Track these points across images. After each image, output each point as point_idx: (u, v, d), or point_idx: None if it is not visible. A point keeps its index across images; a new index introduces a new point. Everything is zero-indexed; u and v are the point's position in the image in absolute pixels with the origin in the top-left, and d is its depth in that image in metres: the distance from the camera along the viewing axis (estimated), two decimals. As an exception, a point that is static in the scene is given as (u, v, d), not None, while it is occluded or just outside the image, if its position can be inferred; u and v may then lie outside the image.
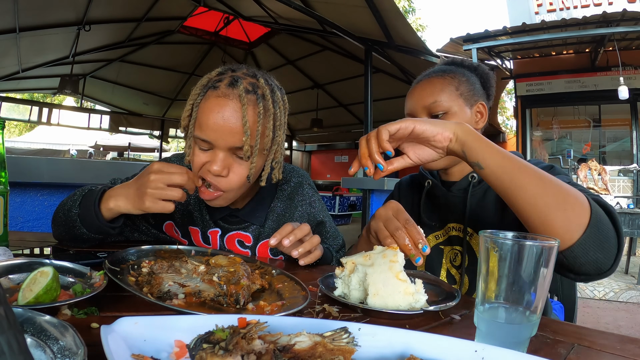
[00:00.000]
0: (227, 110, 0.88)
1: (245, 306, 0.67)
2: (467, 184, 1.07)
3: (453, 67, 1.13)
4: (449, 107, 1.04)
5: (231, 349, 0.40)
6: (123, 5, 5.85)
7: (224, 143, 0.89)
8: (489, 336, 0.53)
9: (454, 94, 1.05)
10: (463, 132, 0.77)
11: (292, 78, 8.33)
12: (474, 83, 1.10)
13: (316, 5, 4.51)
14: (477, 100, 1.09)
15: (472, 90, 1.08)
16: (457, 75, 1.08)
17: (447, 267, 1.11)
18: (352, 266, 0.74)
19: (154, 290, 0.67)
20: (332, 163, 12.42)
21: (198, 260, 0.81)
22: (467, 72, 1.11)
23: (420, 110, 1.07)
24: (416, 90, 1.10)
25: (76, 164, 2.11)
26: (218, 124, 0.88)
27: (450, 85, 1.06)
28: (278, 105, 0.96)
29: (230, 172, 0.92)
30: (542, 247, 0.51)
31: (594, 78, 7.09)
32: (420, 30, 17.20)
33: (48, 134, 13.23)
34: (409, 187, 1.27)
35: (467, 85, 1.07)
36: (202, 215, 1.11)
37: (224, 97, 0.89)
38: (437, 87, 1.06)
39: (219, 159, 0.90)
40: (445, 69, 1.11)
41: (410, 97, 1.12)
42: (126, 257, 0.80)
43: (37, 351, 0.40)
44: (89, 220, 0.92)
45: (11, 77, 7.26)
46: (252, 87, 0.91)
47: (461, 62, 1.17)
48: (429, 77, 1.10)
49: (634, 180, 6.31)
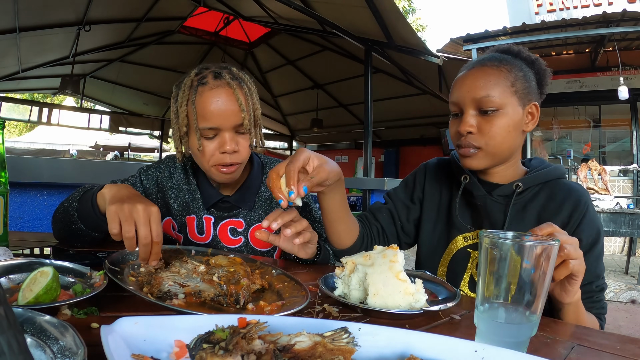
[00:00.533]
0: (223, 97, 1.03)
1: (245, 306, 0.67)
2: (511, 191, 1.00)
3: (510, 57, 1.01)
4: (502, 104, 0.95)
5: (231, 349, 0.40)
6: (123, 5, 5.85)
7: (228, 124, 1.03)
8: (489, 336, 0.53)
9: (509, 90, 0.96)
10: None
11: (292, 78, 8.33)
12: (531, 80, 1.00)
13: (316, 5, 4.51)
14: (531, 100, 0.99)
15: (528, 88, 0.98)
16: (514, 68, 0.98)
17: (471, 272, 1.04)
18: (352, 266, 0.74)
19: (154, 290, 0.67)
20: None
21: (198, 260, 0.81)
22: (524, 66, 1.00)
23: (468, 103, 0.97)
24: (467, 79, 0.99)
25: (76, 164, 2.11)
26: (220, 109, 1.02)
27: (506, 79, 0.96)
28: (252, 84, 1.12)
29: (239, 146, 1.06)
30: (542, 247, 0.51)
31: (594, 78, 7.09)
32: (420, 30, 17.19)
33: (48, 134, 13.23)
34: (438, 173, 1.17)
35: (524, 82, 0.97)
36: (197, 204, 1.17)
37: (217, 88, 1.03)
38: (491, 79, 0.96)
39: (228, 138, 1.04)
40: (501, 58, 1.00)
41: (459, 85, 1.01)
42: (126, 257, 0.80)
43: (37, 351, 0.40)
44: (85, 214, 0.94)
45: (11, 77, 7.26)
46: (232, 75, 1.07)
47: (518, 52, 1.04)
48: (483, 64, 0.99)
49: (634, 180, 6.31)
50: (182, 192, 1.18)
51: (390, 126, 9.46)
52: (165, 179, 1.19)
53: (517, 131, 0.98)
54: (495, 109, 0.95)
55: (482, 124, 0.96)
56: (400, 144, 10.33)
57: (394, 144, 10.46)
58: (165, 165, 1.22)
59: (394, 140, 10.29)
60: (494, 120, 0.96)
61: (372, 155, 4.74)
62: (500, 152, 0.99)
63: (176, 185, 1.19)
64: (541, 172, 1.02)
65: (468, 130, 0.97)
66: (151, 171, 1.20)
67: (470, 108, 0.97)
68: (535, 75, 1.02)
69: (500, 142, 0.97)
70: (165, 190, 1.19)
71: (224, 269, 0.74)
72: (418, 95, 7.54)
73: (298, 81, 8.49)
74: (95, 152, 13.69)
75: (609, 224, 3.88)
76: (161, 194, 1.19)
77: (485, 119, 0.96)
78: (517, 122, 0.97)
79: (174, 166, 1.21)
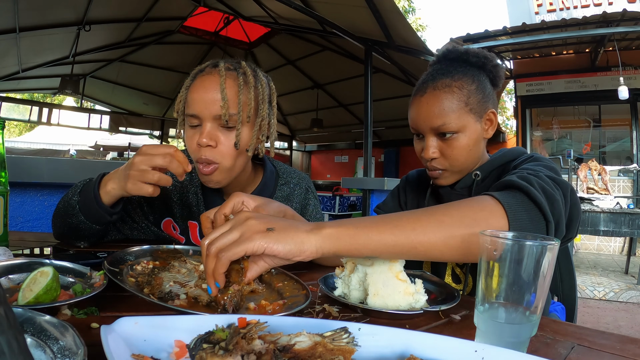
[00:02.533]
0: (208, 84, 0.97)
1: (238, 311, 0.64)
2: (471, 182, 1.03)
3: (458, 65, 1.01)
4: (459, 127, 0.97)
5: (231, 349, 0.40)
6: (123, 5, 5.84)
7: (208, 113, 0.96)
8: (489, 336, 0.53)
9: (464, 110, 0.97)
10: (330, 242, 0.61)
11: (292, 78, 8.33)
12: (484, 87, 1.00)
13: (316, 5, 4.51)
14: (488, 108, 1.01)
15: (483, 99, 0.99)
16: (465, 82, 0.98)
17: (452, 266, 1.09)
18: (352, 266, 0.74)
19: (155, 290, 0.67)
20: (332, 163, 12.41)
21: (197, 260, 0.81)
22: (475, 73, 1.00)
23: (428, 131, 1.01)
24: (422, 106, 1.00)
25: (76, 164, 2.11)
26: (201, 96, 0.97)
27: (459, 100, 0.97)
28: (260, 83, 1.03)
29: (218, 143, 0.98)
30: (542, 247, 0.51)
31: (594, 78, 7.09)
32: (420, 30, 17.19)
33: (48, 134, 13.22)
34: (415, 182, 1.24)
35: (477, 95, 0.98)
36: (200, 210, 1.13)
37: (207, 75, 0.99)
38: (444, 105, 0.97)
39: (205, 130, 0.97)
40: (450, 73, 0.99)
41: (415, 111, 1.02)
42: (124, 257, 0.80)
43: (37, 351, 0.40)
44: (87, 206, 0.93)
45: (11, 77, 7.25)
46: (233, 66, 1.02)
47: (466, 56, 1.03)
48: (434, 87, 0.99)
49: (634, 180, 6.31)
50: (185, 194, 1.14)
51: (390, 126, 9.45)
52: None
53: (477, 145, 1.02)
54: (453, 132, 0.98)
55: (444, 148, 1.01)
56: (400, 144, 10.33)
57: (394, 144, 10.46)
58: None
59: (394, 140, 10.29)
60: (454, 143, 0.99)
61: (372, 155, 4.74)
62: (465, 167, 1.03)
63: (179, 186, 1.15)
64: (496, 156, 1.06)
65: (431, 157, 1.02)
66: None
67: (430, 135, 1.01)
68: (487, 76, 1.03)
69: (463, 161, 1.01)
70: (167, 191, 1.15)
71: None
72: (418, 95, 7.53)
73: (298, 81, 8.49)
74: (95, 152, 13.67)
75: (609, 223, 3.88)
76: (163, 194, 1.16)
77: (445, 143, 1.00)
78: (477, 137, 1.01)
79: None
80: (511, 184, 0.74)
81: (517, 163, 0.97)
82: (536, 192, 0.70)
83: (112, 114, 9.55)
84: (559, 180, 0.79)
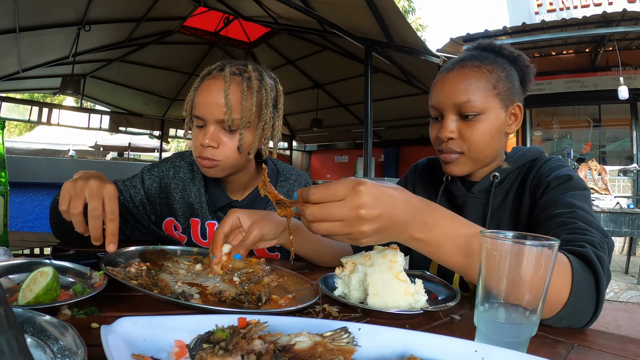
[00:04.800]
0: (213, 88, 1.02)
1: (266, 303, 0.68)
2: (489, 184, 0.98)
3: (491, 55, 0.97)
4: (483, 108, 0.91)
5: (231, 349, 0.40)
6: (123, 5, 5.84)
7: (211, 116, 1.01)
8: (489, 336, 0.53)
9: (491, 93, 0.92)
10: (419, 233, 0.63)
11: (292, 78, 8.33)
12: (513, 79, 0.96)
13: (316, 5, 4.51)
14: (514, 101, 0.95)
15: (511, 89, 0.94)
16: (496, 68, 0.94)
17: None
18: (352, 266, 0.74)
19: (165, 292, 0.68)
20: (332, 163, 12.41)
21: (187, 260, 0.83)
22: (506, 65, 0.96)
23: (449, 107, 0.94)
24: (447, 82, 0.94)
25: (76, 164, 2.11)
26: (206, 100, 1.02)
27: (488, 81, 0.92)
28: (264, 88, 1.07)
29: (220, 144, 1.02)
30: (542, 247, 0.51)
31: (594, 78, 7.09)
32: (420, 30, 17.19)
33: (48, 134, 13.22)
34: (425, 173, 1.17)
35: (506, 83, 0.94)
36: (202, 207, 1.15)
37: (213, 79, 1.03)
38: (471, 82, 0.91)
39: (209, 132, 1.02)
40: (482, 58, 0.95)
41: (439, 88, 0.96)
42: (116, 260, 0.80)
43: (37, 351, 0.40)
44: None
45: (11, 77, 7.25)
46: (239, 70, 1.05)
47: (500, 49, 1.00)
48: (463, 65, 0.94)
49: (634, 180, 6.31)
50: (187, 193, 1.16)
51: (390, 126, 9.45)
52: (169, 179, 1.17)
53: (499, 134, 0.95)
54: (476, 114, 0.91)
55: (464, 129, 0.93)
56: (400, 144, 10.33)
57: (394, 144, 10.46)
58: (170, 165, 1.19)
59: (394, 140, 10.29)
60: (476, 125, 0.92)
61: (372, 155, 4.74)
62: (483, 157, 0.96)
63: (181, 186, 1.16)
64: (517, 156, 1.01)
65: (449, 136, 0.94)
66: (154, 171, 1.18)
67: (451, 113, 0.94)
68: (518, 73, 0.98)
69: (483, 148, 0.94)
70: (169, 190, 1.16)
71: (243, 271, 0.75)
72: (418, 95, 7.53)
73: (298, 81, 8.49)
74: (95, 152, 13.68)
75: (609, 223, 3.88)
76: (164, 194, 1.17)
77: (466, 124, 0.93)
78: (499, 125, 0.94)
79: (180, 165, 1.19)
80: (589, 260, 0.68)
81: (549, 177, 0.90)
82: (603, 280, 0.67)
83: (112, 114, 9.54)
84: (608, 241, 0.75)
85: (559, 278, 0.64)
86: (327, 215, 0.58)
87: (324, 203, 0.59)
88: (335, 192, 0.59)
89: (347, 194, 0.58)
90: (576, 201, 0.82)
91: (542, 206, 0.87)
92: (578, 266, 0.66)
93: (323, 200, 0.59)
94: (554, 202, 0.84)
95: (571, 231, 0.74)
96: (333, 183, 0.59)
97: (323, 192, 0.59)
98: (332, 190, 0.59)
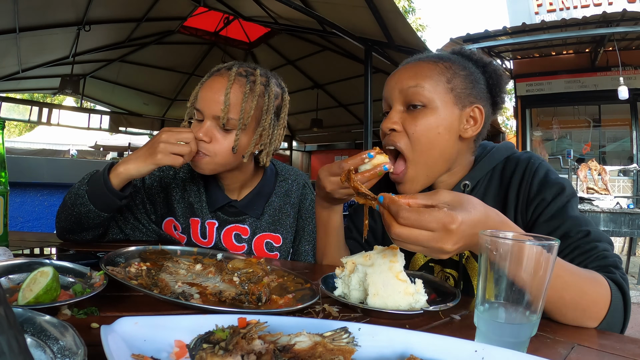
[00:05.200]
0: (216, 85, 1.04)
1: (266, 303, 0.69)
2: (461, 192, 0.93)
3: (456, 57, 0.93)
4: (430, 99, 0.84)
5: (231, 349, 0.40)
6: (123, 5, 5.84)
7: (209, 111, 1.03)
8: (489, 336, 0.53)
9: (443, 86, 0.86)
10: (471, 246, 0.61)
11: (292, 78, 8.32)
12: (477, 82, 0.90)
13: (316, 5, 4.51)
14: (474, 103, 0.88)
15: (471, 89, 0.88)
16: (455, 66, 0.89)
17: (440, 276, 0.98)
18: (352, 266, 0.74)
19: (165, 292, 0.68)
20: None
21: (187, 260, 0.83)
22: (471, 67, 0.91)
23: (396, 96, 0.88)
24: (398, 71, 0.91)
25: (76, 164, 2.11)
26: (207, 95, 1.04)
27: (441, 74, 0.87)
28: (268, 94, 1.08)
29: (213, 140, 1.04)
30: (542, 246, 0.51)
31: (594, 78, 7.09)
32: (420, 30, 17.18)
33: (48, 134, 13.22)
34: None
35: (465, 82, 0.88)
36: (202, 206, 1.16)
37: (219, 76, 1.06)
38: (424, 71, 0.87)
39: (204, 126, 1.03)
40: (442, 56, 0.91)
41: (390, 78, 0.92)
42: (115, 260, 0.80)
43: (37, 351, 0.40)
44: (97, 192, 0.97)
45: (11, 77, 7.25)
46: (246, 72, 1.07)
47: (470, 54, 0.95)
48: (420, 59, 0.91)
49: (634, 180, 6.31)
50: (187, 192, 1.17)
51: (390, 126, 9.44)
52: (170, 179, 1.19)
53: (449, 134, 0.86)
54: (423, 105, 0.85)
55: (408, 122, 0.86)
56: (400, 144, 10.32)
57: (394, 144, 10.45)
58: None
59: (394, 140, 10.28)
60: (421, 118, 0.85)
61: (372, 155, 4.73)
62: (429, 161, 0.87)
63: (181, 185, 1.18)
64: (485, 159, 0.93)
65: (390, 127, 0.87)
66: (154, 171, 1.19)
67: (398, 102, 0.88)
68: (487, 78, 0.92)
69: (428, 146, 0.85)
70: (169, 190, 1.17)
71: (243, 271, 0.76)
72: (418, 95, 7.53)
73: (298, 81, 8.48)
74: (95, 152, 13.67)
75: (609, 223, 3.88)
76: (164, 194, 1.18)
77: (412, 116, 0.86)
78: (450, 124, 0.86)
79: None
80: (619, 284, 0.73)
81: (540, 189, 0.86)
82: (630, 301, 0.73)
83: (112, 114, 9.54)
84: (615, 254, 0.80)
85: (600, 300, 0.68)
86: (417, 224, 0.57)
87: (419, 211, 0.58)
88: (427, 225, 0.57)
89: (437, 229, 0.57)
90: (578, 214, 0.84)
91: (545, 226, 0.84)
92: (615, 291, 0.70)
93: (409, 225, 0.58)
94: (559, 220, 0.83)
95: (596, 256, 0.77)
96: (425, 212, 0.57)
97: (414, 218, 0.57)
98: (424, 221, 0.57)
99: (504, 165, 0.93)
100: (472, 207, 0.59)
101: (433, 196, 0.61)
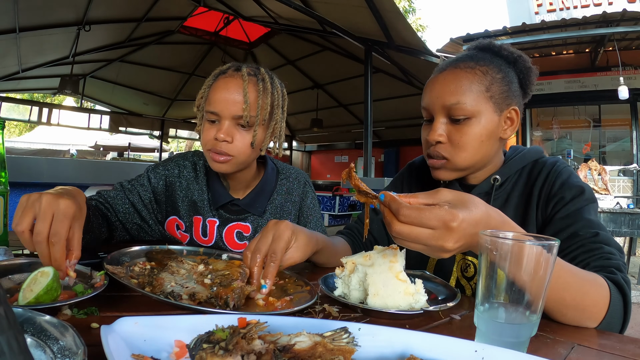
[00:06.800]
0: (231, 86, 1.05)
1: (238, 309, 0.66)
2: (490, 187, 0.96)
3: (488, 55, 0.94)
4: (474, 111, 0.88)
5: (231, 349, 0.40)
6: (123, 6, 5.85)
7: (228, 112, 1.04)
8: (489, 336, 0.53)
9: (483, 95, 0.88)
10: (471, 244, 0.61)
11: (292, 78, 8.33)
12: (510, 82, 0.92)
13: (316, 5, 4.51)
14: (510, 105, 0.92)
15: (507, 92, 0.91)
16: (491, 69, 0.90)
17: (457, 275, 1.00)
18: (352, 266, 0.74)
19: (156, 291, 0.67)
20: (332, 163, 12.41)
21: (193, 260, 0.82)
22: (503, 66, 0.92)
23: (438, 110, 0.91)
24: (437, 83, 0.92)
25: (76, 164, 2.11)
26: (224, 97, 1.04)
27: (480, 83, 0.88)
28: (276, 90, 1.12)
29: (234, 139, 1.05)
30: (542, 247, 0.51)
31: (594, 78, 7.08)
32: (420, 30, 17.19)
33: (48, 134, 13.22)
34: (422, 172, 1.13)
35: (501, 86, 0.90)
36: (204, 205, 1.17)
37: (230, 77, 1.06)
38: (463, 83, 0.88)
39: (224, 127, 1.04)
40: (477, 58, 0.92)
41: (429, 89, 0.93)
42: (120, 259, 0.80)
43: (37, 351, 0.40)
44: None
45: (11, 77, 7.26)
46: (254, 71, 1.10)
47: (499, 50, 0.96)
48: (456, 66, 0.91)
49: (634, 180, 6.30)
50: (190, 191, 1.18)
51: (390, 126, 9.45)
52: (174, 177, 1.19)
53: (491, 140, 0.92)
54: (467, 117, 0.88)
55: (453, 133, 0.90)
56: (400, 144, 10.33)
57: (394, 144, 10.46)
58: (175, 164, 1.21)
59: (394, 140, 10.29)
60: (465, 129, 0.89)
61: (372, 155, 4.75)
62: (469, 165, 0.93)
63: (185, 184, 1.19)
64: (515, 158, 0.99)
65: (437, 139, 0.91)
66: (159, 170, 1.20)
67: (440, 115, 0.91)
68: (517, 75, 0.95)
69: (472, 154, 0.91)
70: (174, 189, 1.18)
71: (219, 272, 0.74)
72: (418, 95, 7.46)
73: (298, 81, 8.49)
74: (95, 152, 13.68)
75: (609, 223, 3.88)
76: (169, 193, 1.19)
77: (455, 128, 0.90)
78: (491, 130, 0.90)
79: (184, 164, 1.21)
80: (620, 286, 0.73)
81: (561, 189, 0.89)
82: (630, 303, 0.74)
83: (112, 114, 9.55)
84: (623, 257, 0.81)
85: (600, 300, 0.69)
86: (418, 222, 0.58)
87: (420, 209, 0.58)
88: (428, 222, 0.57)
89: (437, 227, 0.57)
90: (593, 217, 0.85)
91: (560, 223, 0.86)
92: (614, 292, 0.71)
93: (409, 222, 0.58)
94: (572, 219, 0.85)
95: (599, 256, 0.78)
96: (426, 210, 0.57)
97: (415, 215, 0.57)
98: (424, 219, 0.57)
99: (532, 167, 0.98)
100: (474, 206, 0.59)
101: (434, 195, 0.61)
